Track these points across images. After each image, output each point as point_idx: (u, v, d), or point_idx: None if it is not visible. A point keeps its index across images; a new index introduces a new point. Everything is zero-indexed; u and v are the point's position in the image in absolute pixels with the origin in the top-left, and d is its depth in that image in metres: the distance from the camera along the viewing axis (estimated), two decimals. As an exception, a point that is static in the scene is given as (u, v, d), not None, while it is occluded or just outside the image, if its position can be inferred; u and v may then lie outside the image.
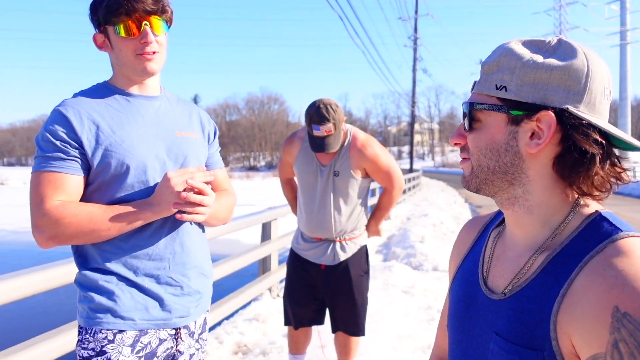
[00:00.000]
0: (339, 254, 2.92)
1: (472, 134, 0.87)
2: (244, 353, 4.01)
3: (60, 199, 1.41)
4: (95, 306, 1.45)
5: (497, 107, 0.83)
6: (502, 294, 0.87)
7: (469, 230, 1.10)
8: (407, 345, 4.06)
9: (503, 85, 0.82)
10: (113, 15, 1.45)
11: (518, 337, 0.81)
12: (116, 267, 1.47)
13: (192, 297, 1.60)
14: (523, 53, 0.82)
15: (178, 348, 1.58)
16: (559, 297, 0.77)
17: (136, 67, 1.51)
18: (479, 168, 0.88)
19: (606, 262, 0.75)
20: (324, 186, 2.87)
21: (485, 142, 0.86)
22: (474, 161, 0.88)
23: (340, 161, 2.84)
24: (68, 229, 1.39)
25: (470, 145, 0.88)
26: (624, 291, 0.70)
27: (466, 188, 0.93)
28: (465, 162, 0.91)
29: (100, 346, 1.43)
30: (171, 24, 1.58)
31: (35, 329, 2.80)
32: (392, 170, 2.94)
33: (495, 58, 0.84)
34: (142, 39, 1.47)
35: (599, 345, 0.71)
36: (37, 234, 1.40)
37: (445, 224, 11.33)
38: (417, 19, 36.79)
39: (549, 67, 0.80)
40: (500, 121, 0.84)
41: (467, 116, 0.87)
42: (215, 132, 1.81)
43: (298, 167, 2.96)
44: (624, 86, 50.73)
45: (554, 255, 0.82)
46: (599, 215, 0.83)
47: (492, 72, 0.84)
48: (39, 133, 1.45)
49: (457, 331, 0.97)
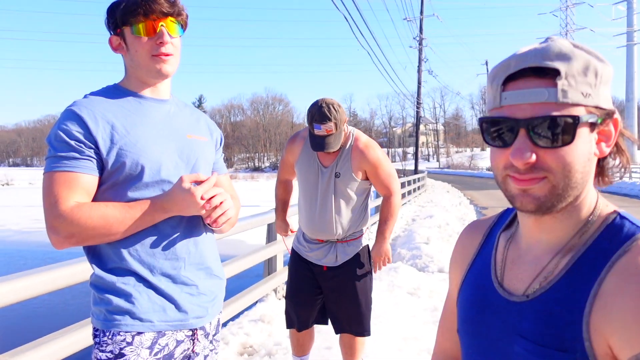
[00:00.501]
0: (341, 256, 2.91)
1: (560, 149, 0.79)
2: (250, 354, 4.01)
3: (75, 200, 1.40)
4: (113, 308, 1.44)
5: (593, 116, 0.79)
6: (525, 296, 0.86)
7: (471, 234, 1.08)
8: (413, 346, 4.04)
9: (588, 92, 0.79)
10: (130, 15, 1.47)
11: (546, 339, 0.80)
12: (133, 266, 1.46)
13: (208, 296, 1.60)
14: (591, 58, 0.80)
15: (194, 349, 1.58)
16: (590, 298, 0.77)
17: (151, 69, 1.51)
18: (567, 187, 0.80)
19: (637, 261, 0.76)
20: (325, 187, 2.86)
21: (579, 156, 0.80)
22: (558, 180, 0.80)
23: (342, 162, 2.83)
24: (84, 230, 1.38)
25: (556, 163, 0.79)
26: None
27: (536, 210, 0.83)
28: (536, 182, 0.81)
29: (119, 349, 1.42)
30: (186, 27, 1.59)
31: (42, 329, 2.80)
32: (392, 177, 2.93)
33: (574, 63, 0.79)
34: (158, 39, 1.48)
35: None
36: (53, 234, 1.39)
37: (451, 225, 11.31)
38: (422, 19, 36.73)
39: (608, 70, 0.81)
40: (587, 131, 0.80)
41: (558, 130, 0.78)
42: (221, 139, 1.82)
43: (299, 167, 2.94)
44: (631, 88, 50.53)
45: (579, 256, 0.82)
46: (619, 215, 0.84)
47: (574, 79, 0.78)
48: (50, 133, 1.45)
49: (472, 336, 0.96)
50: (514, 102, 0.80)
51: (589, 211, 0.85)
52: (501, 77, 0.83)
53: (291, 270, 3.08)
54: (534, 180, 0.80)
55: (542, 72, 0.79)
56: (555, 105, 0.78)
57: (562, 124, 0.78)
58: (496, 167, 0.85)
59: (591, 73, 0.79)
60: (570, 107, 0.78)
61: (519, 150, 0.79)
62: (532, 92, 0.79)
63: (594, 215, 0.85)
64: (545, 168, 0.80)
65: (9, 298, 2.28)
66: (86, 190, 1.43)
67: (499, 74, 0.84)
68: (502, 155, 0.83)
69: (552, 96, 0.78)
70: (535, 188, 0.81)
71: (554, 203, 0.81)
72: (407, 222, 12.51)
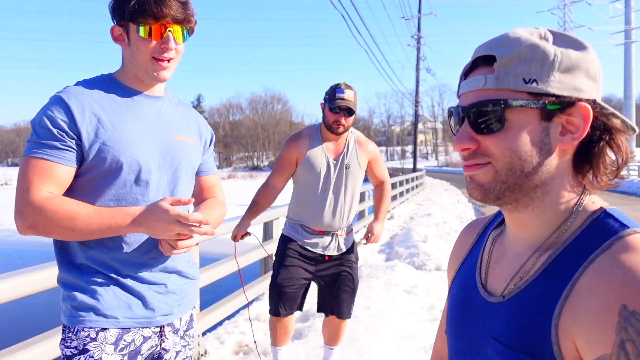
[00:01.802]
0: (342, 245, 3.15)
1: (498, 135, 0.78)
2: (245, 353, 4.00)
3: (49, 190, 1.39)
4: (78, 304, 1.44)
5: (533, 102, 0.76)
6: (501, 296, 0.83)
7: (467, 232, 1.06)
8: (410, 345, 4.04)
9: (532, 78, 0.76)
10: (141, 15, 1.44)
11: (517, 343, 0.76)
12: (100, 264, 1.46)
13: (177, 295, 1.60)
14: (543, 44, 0.77)
15: (163, 346, 1.58)
16: (561, 299, 0.73)
17: (149, 71, 1.50)
18: (510, 172, 0.79)
19: (613, 259, 0.71)
20: (337, 180, 3.06)
21: (519, 142, 0.77)
22: (500, 165, 0.79)
23: (350, 155, 3.09)
24: (49, 223, 1.37)
25: (495, 148, 0.78)
26: (633, 289, 0.66)
27: (480, 199, 0.82)
28: (479, 168, 0.80)
29: (83, 344, 1.42)
30: (192, 34, 1.58)
31: (39, 328, 2.78)
32: (386, 169, 3.39)
33: (515, 50, 0.77)
34: (163, 44, 1.47)
35: (604, 347, 0.67)
36: (19, 220, 1.40)
37: (449, 224, 11.30)
38: (420, 18, 36.71)
39: (577, 57, 0.77)
40: (533, 118, 0.77)
41: (490, 116, 0.78)
42: (211, 139, 1.80)
43: (307, 164, 3.03)
44: (629, 85, 50.55)
45: (557, 255, 0.78)
46: (604, 212, 0.80)
47: (513, 64, 0.77)
48: (35, 116, 1.43)
49: (455, 338, 0.93)
50: (464, 90, 0.83)
51: (568, 207, 0.81)
52: (464, 69, 0.85)
53: (281, 256, 3.13)
54: (477, 166, 0.81)
55: (488, 60, 0.80)
56: (493, 91, 0.78)
57: (490, 109, 0.78)
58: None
59: (539, 59, 0.76)
60: (510, 92, 0.77)
61: (458, 137, 0.81)
62: (473, 79, 0.81)
63: (575, 211, 0.80)
64: (487, 154, 0.80)
65: (7, 295, 2.29)
66: (61, 181, 1.42)
67: (465, 66, 0.85)
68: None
69: (490, 82, 0.78)
70: (479, 174, 0.81)
71: (502, 191, 0.80)
72: (405, 221, 12.50)
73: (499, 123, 0.78)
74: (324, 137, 3.08)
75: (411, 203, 17.15)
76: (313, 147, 3.05)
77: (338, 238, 3.14)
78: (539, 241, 0.82)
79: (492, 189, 0.80)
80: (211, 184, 1.79)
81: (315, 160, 3.03)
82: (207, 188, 1.78)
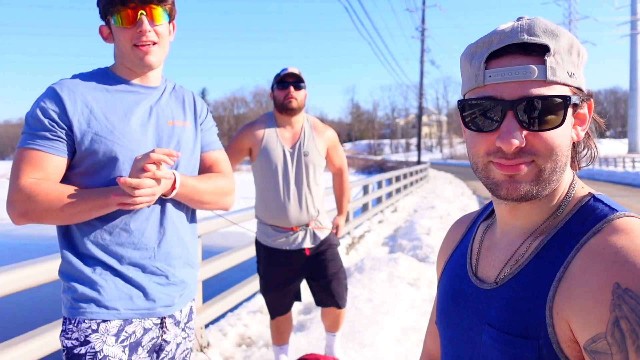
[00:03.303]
0: (318, 234, 3.01)
1: (551, 132, 0.75)
2: (248, 345, 4.02)
3: (37, 177, 1.41)
4: (78, 296, 1.45)
5: (579, 97, 0.75)
6: (494, 282, 0.84)
7: (456, 227, 1.07)
8: (412, 337, 4.05)
9: (573, 72, 0.75)
10: (110, 5, 1.46)
11: (511, 327, 0.77)
12: (101, 255, 1.47)
13: (178, 286, 1.60)
14: (570, 34, 0.76)
15: (164, 337, 1.59)
16: (554, 282, 0.74)
17: (134, 59, 1.50)
18: (553, 171, 0.76)
19: (604, 241, 0.72)
20: (295, 169, 2.91)
21: (565, 139, 0.76)
22: (544, 163, 0.75)
23: (307, 142, 2.96)
24: (38, 207, 1.39)
25: (544, 146, 0.75)
26: (625, 267, 0.68)
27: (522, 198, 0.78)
28: (524, 167, 0.76)
29: (85, 336, 1.43)
30: (173, 13, 1.57)
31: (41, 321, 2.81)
32: (344, 156, 3.30)
33: (562, 41, 0.74)
34: (138, 29, 1.47)
35: (599, 326, 0.68)
36: (10, 209, 1.41)
37: (452, 216, 11.28)
38: (424, 10, 36.55)
39: (586, 52, 0.78)
40: (571, 112, 0.77)
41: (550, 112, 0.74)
42: (207, 113, 1.77)
43: (263, 154, 2.91)
44: (635, 77, 50.16)
45: (549, 239, 0.79)
46: (593, 197, 0.81)
47: (561, 56, 0.74)
48: (30, 108, 1.45)
49: (446, 327, 0.94)
50: (500, 80, 0.75)
51: (562, 194, 0.82)
52: (483, 55, 0.77)
53: (265, 265, 3.04)
54: (522, 165, 0.76)
55: (528, 48, 0.75)
56: (544, 83, 0.74)
57: (553, 104, 0.73)
58: (476, 153, 0.80)
59: (575, 52, 0.76)
60: (558, 86, 0.75)
61: (508, 133, 0.74)
62: (519, 69, 0.74)
63: (567, 198, 0.82)
64: (533, 152, 0.75)
65: (12, 287, 2.31)
66: (52, 171, 1.43)
67: (479, 52, 0.78)
68: (485, 140, 0.78)
69: (542, 74, 0.73)
70: (522, 173, 0.76)
71: (539, 190, 0.77)
72: (409, 213, 12.50)
73: (558, 120, 0.74)
74: (278, 123, 2.96)
75: (415, 196, 17.12)
76: (268, 135, 2.92)
77: (313, 230, 2.99)
78: (532, 228, 0.83)
79: (534, 188, 0.77)
80: (214, 159, 1.74)
81: (271, 150, 2.90)
82: (211, 163, 1.73)
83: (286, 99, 2.88)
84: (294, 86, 2.89)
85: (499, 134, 0.75)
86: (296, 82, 2.90)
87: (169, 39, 1.58)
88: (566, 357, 0.72)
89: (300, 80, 2.91)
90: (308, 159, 2.93)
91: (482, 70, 0.77)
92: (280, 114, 2.94)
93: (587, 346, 0.69)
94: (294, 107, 2.89)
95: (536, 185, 0.77)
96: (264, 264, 3.06)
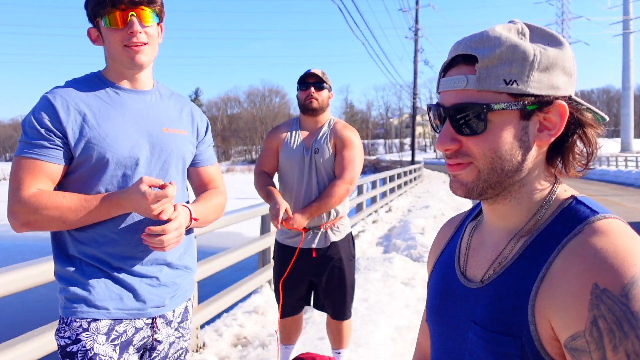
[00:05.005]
0: (330, 236, 2.96)
1: (479, 136, 0.80)
2: (244, 345, 4.03)
3: (38, 187, 1.44)
4: (70, 296, 1.48)
5: (514, 104, 0.78)
6: (480, 282, 0.87)
7: (446, 228, 1.09)
8: (407, 336, 4.07)
9: (513, 79, 0.77)
10: (100, 7, 1.48)
11: (496, 325, 0.80)
12: (92, 257, 1.50)
13: (170, 288, 1.62)
14: (523, 43, 0.78)
15: (155, 337, 1.61)
16: (537, 282, 0.77)
17: (124, 59, 1.52)
18: (491, 171, 0.81)
19: (584, 242, 0.75)
20: (308, 166, 2.93)
21: (500, 143, 0.79)
22: (483, 165, 0.81)
23: (320, 139, 2.97)
24: (40, 218, 1.42)
25: (477, 149, 0.80)
26: (603, 267, 0.71)
27: (465, 196, 0.85)
28: (463, 168, 0.83)
29: (76, 334, 1.46)
30: (162, 15, 1.58)
31: (38, 322, 2.81)
32: (352, 165, 2.93)
33: (495, 50, 0.78)
34: (129, 30, 1.48)
35: (578, 324, 0.71)
36: (12, 219, 1.45)
37: (446, 216, 11.33)
38: (418, 10, 36.59)
39: (555, 55, 0.79)
40: (513, 118, 0.79)
41: (472, 118, 0.79)
42: (207, 128, 1.80)
43: (285, 151, 2.98)
44: (627, 76, 50.47)
45: (532, 240, 0.82)
46: (575, 199, 0.84)
47: (495, 65, 0.77)
48: (25, 117, 1.48)
49: (436, 324, 0.97)
50: (443, 88, 0.83)
51: (542, 196, 0.85)
52: (444, 65, 0.85)
53: (276, 261, 3.11)
54: (460, 166, 0.83)
55: (470, 59, 0.80)
56: (475, 92, 0.79)
57: (473, 111, 0.79)
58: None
59: (519, 59, 0.77)
60: (491, 94, 0.78)
61: (441, 137, 0.83)
62: (454, 79, 0.81)
63: (549, 200, 0.84)
64: (470, 154, 0.82)
65: (7, 289, 2.31)
66: (50, 178, 1.46)
67: (444, 62, 0.86)
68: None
69: (472, 83, 0.79)
70: (463, 174, 0.83)
71: (484, 189, 0.83)
72: (403, 213, 12.54)
73: (481, 125, 0.79)
74: (302, 124, 3.04)
75: (409, 195, 17.18)
76: (292, 135, 3.00)
77: (325, 232, 2.95)
78: (516, 229, 0.86)
79: (475, 187, 0.83)
80: (211, 175, 1.79)
81: (289, 150, 2.96)
82: (208, 179, 1.78)
83: (307, 99, 2.94)
84: (315, 87, 2.94)
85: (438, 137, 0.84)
86: (317, 82, 2.94)
87: (158, 40, 1.60)
88: (548, 354, 0.75)
89: (321, 81, 2.95)
90: (318, 156, 2.93)
91: (439, 79, 0.86)
92: (304, 115, 3.01)
93: (567, 344, 0.72)
94: (315, 107, 2.94)
95: (477, 185, 0.83)
96: (276, 261, 3.12)
